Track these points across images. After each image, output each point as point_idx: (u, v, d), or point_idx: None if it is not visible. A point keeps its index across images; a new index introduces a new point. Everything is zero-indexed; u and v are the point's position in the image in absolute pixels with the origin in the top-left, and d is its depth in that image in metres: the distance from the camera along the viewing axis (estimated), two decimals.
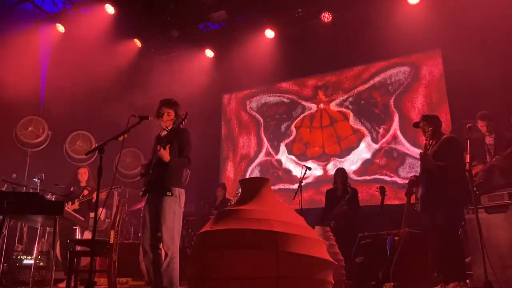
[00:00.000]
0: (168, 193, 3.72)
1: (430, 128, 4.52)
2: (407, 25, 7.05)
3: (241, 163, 9.02)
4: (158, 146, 3.72)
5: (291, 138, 8.53)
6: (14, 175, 6.40)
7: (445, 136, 4.56)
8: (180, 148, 3.86)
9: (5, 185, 5.71)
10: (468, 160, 3.94)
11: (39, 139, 7.66)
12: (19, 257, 6.28)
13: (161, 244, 3.68)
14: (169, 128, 4.00)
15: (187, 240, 6.63)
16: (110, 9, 7.96)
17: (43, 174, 5.98)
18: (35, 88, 8.47)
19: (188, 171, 8.59)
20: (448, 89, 7.09)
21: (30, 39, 8.39)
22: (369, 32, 7.44)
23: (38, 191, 5.54)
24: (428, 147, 4.54)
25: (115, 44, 8.63)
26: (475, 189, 4.02)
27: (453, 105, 6.96)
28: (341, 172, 6.49)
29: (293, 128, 8.56)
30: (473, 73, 6.51)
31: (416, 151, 7.06)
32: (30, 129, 7.63)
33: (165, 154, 3.70)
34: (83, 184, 6.18)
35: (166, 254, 3.64)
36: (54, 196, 5.77)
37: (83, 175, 6.26)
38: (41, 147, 7.79)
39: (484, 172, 4.82)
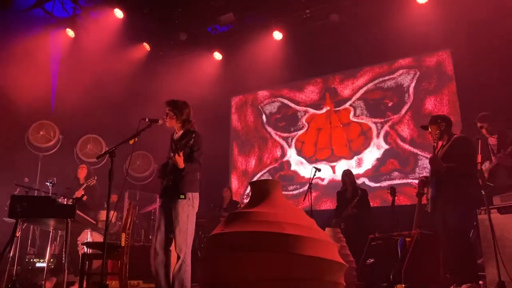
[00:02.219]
0: (181, 196, 3.75)
1: (438, 131, 4.49)
2: (415, 25, 7.02)
3: (250, 165, 9.02)
4: (171, 153, 3.72)
5: (301, 139, 8.52)
6: (27, 179, 6.48)
7: (455, 136, 4.53)
8: (191, 152, 3.88)
9: (18, 189, 5.76)
10: (479, 160, 3.91)
11: (50, 143, 7.73)
12: (31, 260, 6.35)
13: (173, 246, 3.70)
14: (178, 130, 4.03)
15: (198, 243, 6.63)
16: (119, 13, 8.03)
17: (55, 178, 6.04)
18: (46, 92, 8.56)
19: (198, 173, 8.62)
20: (458, 89, 7.04)
21: (40, 44, 8.48)
22: (377, 32, 7.40)
23: (50, 194, 5.58)
24: (436, 148, 4.50)
25: (124, 48, 8.70)
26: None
27: (463, 105, 6.90)
28: (347, 173, 6.52)
29: (302, 129, 8.55)
30: (483, 73, 6.47)
31: (426, 151, 7.02)
32: (41, 133, 7.70)
33: (180, 161, 3.70)
34: (81, 181, 6.24)
35: (178, 257, 3.66)
36: (65, 199, 5.81)
37: (81, 172, 6.36)
38: (53, 151, 7.86)
39: (488, 172, 4.78)
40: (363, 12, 7.45)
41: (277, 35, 8.05)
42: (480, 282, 4.09)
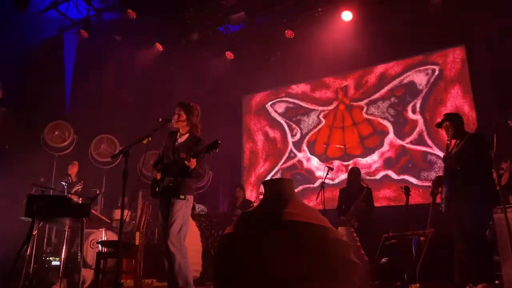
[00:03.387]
0: (181, 196, 3.78)
1: (452, 129, 4.45)
2: (429, 22, 6.95)
3: (263, 164, 9.02)
4: (189, 159, 3.72)
5: (313, 138, 8.49)
6: (42, 179, 6.56)
7: (469, 134, 4.48)
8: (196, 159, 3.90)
9: (34, 189, 5.84)
10: (494, 158, 3.86)
11: (65, 143, 7.81)
12: (47, 258, 6.44)
13: (173, 245, 3.73)
14: (184, 133, 4.04)
15: (211, 241, 6.67)
16: (131, 14, 8.09)
17: (69, 178, 6.11)
18: (60, 93, 8.68)
19: (211, 172, 8.66)
20: (474, 86, 6.94)
21: (55, 45, 8.60)
22: (391, 30, 7.35)
23: (65, 194, 5.65)
24: (450, 146, 4.45)
25: (137, 49, 8.77)
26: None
27: (478, 103, 6.81)
28: (355, 171, 6.45)
29: (314, 128, 8.52)
30: (499, 69, 6.38)
31: (440, 150, 6.95)
32: (56, 133, 7.79)
33: (193, 163, 3.73)
34: (73, 179, 6.31)
35: (176, 256, 3.69)
36: (80, 199, 5.87)
37: (72, 169, 6.44)
38: (67, 151, 7.95)
39: (510, 173, 4.69)
40: (376, 9, 7.39)
41: (289, 34, 8.03)
42: (496, 281, 4.04)
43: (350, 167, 6.75)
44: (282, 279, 2.23)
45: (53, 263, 6.36)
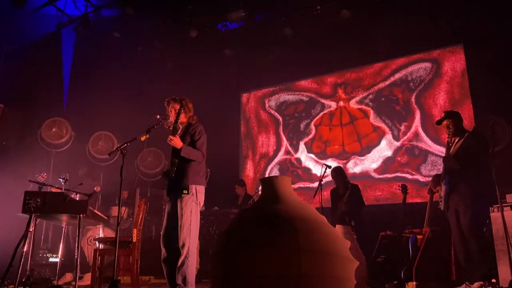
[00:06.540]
0: (184, 191, 3.77)
1: (453, 126, 4.44)
2: (428, 20, 6.95)
3: (260, 162, 9.03)
4: (169, 138, 3.77)
5: (311, 136, 8.49)
6: (40, 176, 6.54)
7: (469, 132, 4.48)
8: (192, 142, 3.91)
9: (31, 185, 5.83)
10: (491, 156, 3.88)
11: (63, 140, 7.81)
12: (45, 255, 6.44)
13: (178, 242, 3.73)
14: (182, 126, 4.07)
15: (208, 239, 6.67)
16: (129, 11, 8.07)
17: (67, 174, 6.10)
18: (58, 89, 8.66)
19: (208, 169, 8.66)
20: (471, 85, 6.95)
21: (53, 41, 8.58)
22: (389, 27, 7.34)
23: (62, 190, 5.64)
24: (450, 144, 4.46)
25: (135, 45, 8.75)
26: None
27: (476, 101, 6.82)
28: (336, 171, 6.41)
29: (312, 126, 8.52)
30: (496, 68, 6.39)
31: (438, 148, 6.96)
32: (54, 130, 7.77)
33: (175, 140, 3.75)
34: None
35: (181, 252, 3.68)
36: (78, 195, 5.87)
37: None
38: (65, 148, 7.94)
39: None
40: (374, 7, 7.39)
41: (288, 31, 8.02)
42: (493, 280, 4.06)
43: (333, 167, 6.55)
44: (278, 277, 2.23)
45: (50, 260, 6.36)
